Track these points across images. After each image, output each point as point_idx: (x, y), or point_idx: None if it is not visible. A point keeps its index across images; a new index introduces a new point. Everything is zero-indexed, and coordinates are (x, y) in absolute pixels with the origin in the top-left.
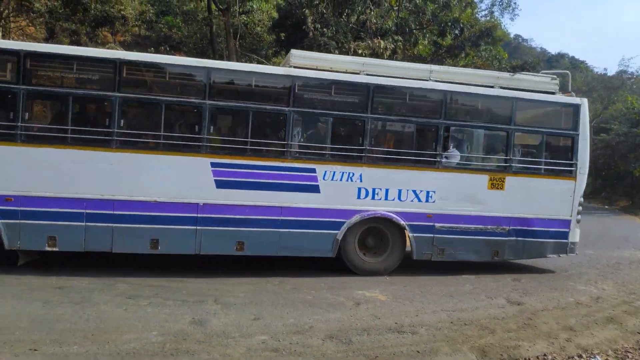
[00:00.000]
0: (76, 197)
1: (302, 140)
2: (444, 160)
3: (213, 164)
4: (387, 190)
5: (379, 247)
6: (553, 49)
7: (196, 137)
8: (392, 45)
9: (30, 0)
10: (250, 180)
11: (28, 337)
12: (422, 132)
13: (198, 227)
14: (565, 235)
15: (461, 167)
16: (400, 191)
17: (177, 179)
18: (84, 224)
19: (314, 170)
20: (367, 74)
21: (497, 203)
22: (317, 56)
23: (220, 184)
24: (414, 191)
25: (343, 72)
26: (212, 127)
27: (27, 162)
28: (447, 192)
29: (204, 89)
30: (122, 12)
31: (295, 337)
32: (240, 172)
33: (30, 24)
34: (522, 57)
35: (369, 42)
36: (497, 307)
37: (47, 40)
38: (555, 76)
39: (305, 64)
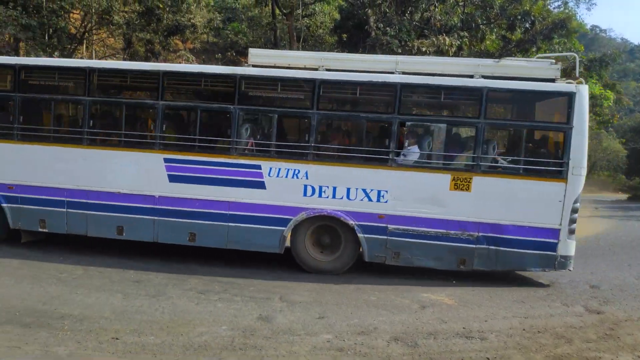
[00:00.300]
0: (59, 187)
1: (248, 137)
2: (398, 157)
3: (166, 160)
4: (334, 188)
5: (334, 246)
6: (636, 39)
7: (151, 135)
8: (458, 42)
9: (110, 13)
10: (199, 175)
11: (110, 327)
12: (373, 128)
13: (155, 218)
14: (552, 247)
15: (418, 166)
16: (349, 190)
17: (137, 173)
18: (65, 210)
19: (259, 167)
20: (327, 69)
21: (462, 206)
22: (274, 53)
23: (172, 178)
24: (364, 190)
25: (301, 69)
26: (164, 126)
27: (23, 156)
28: (402, 192)
29: (158, 91)
30: (191, 21)
31: (359, 338)
32: (189, 168)
33: (110, 36)
34: (600, 49)
35: (434, 39)
36: (574, 315)
37: (124, 50)
38: (554, 60)
39: (264, 62)
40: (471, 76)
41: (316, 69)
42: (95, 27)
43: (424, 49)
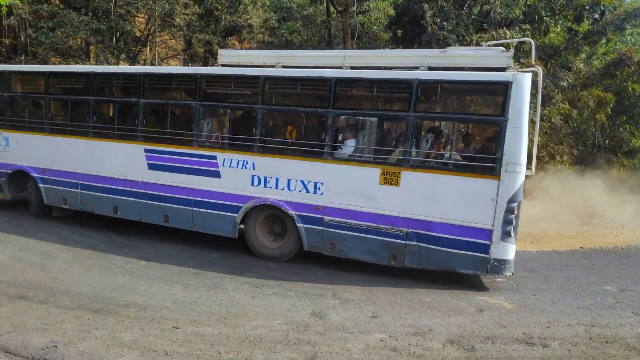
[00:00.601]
0: (74, 172)
1: (207, 130)
2: (332, 151)
3: (145, 150)
4: (277, 179)
5: (282, 234)
6: None
7: (134, 129)
8: (520, 35)
9: (172, 16)
10: (170, 164)
11: (171, 316)
12: (311, 122)
13: (139, 200)
14: (484, 248)
15: (350, 159)
16: (289, 181)
17: (126, 161)
18: (78, 191)
19: (215, 158)
20: (283, 66)
21: (391, 200)
22: (239, 53)
23: (150, 166)
24: (302, 182)
25: (261, 66)
26: (144, 120)
27: (51, 145)
28: (336, 185)
29: (139, 90)
30: (248, 21)
31: (414, 339)
32: (162, 157)
33: (171, 38)
34: None
35: (493, 33)
36: None
37: (184, 51)
38: (503, 48)
39: (231, 61)
40: (417, 68)
41: (273, 66)
42: (158, 30)
43: (482, 44)
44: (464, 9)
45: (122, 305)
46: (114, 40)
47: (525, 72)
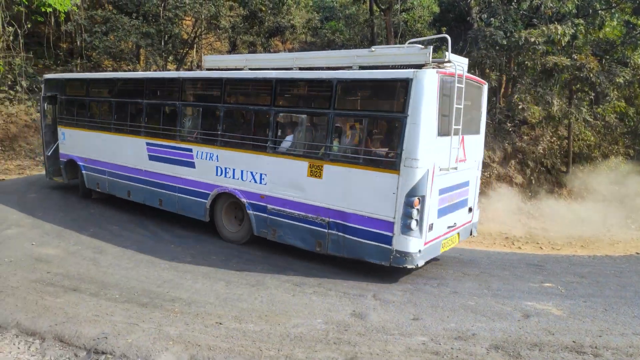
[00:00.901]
0: (103, 161)
1: (187, 126)
2: (273, 145)
3: (147, 143)
4: (233, 170)
5: (242, 220)
6: None
7: (140, 125)
8: (572, 30)
9: (217, 18)
10: (162, 155)
11: (215, 312)
12: (258, 119)
13: (143, 186)
14: (387, 240)
15: (286, 153)
16: (242, 172)
17: (134, 152)
18: (106, 177)
19: (191, 150)
20: (250, 69)
21: (315, 192)
22: (219, 58)
23: (150, 157)
24: (252, 173)
25: (232, 69)
26: (147, 118)
27: (89, 139)
28: (275, 176)
29: (142, 92)
30: (291, 22)
31: (456, 343)
32: (157, 149)
33: (217, 40)
34: None
35: (544, 28)
36: None
37: (229, 52)
38: (422, 46)
39: (213, 65)
40: (350, 67)
41: (242, 69)
42: (204, 32)
43: (532, 40)
44: (513, 3)
45: (168, 299)
46: (163, 43)
47: (430, 68)
